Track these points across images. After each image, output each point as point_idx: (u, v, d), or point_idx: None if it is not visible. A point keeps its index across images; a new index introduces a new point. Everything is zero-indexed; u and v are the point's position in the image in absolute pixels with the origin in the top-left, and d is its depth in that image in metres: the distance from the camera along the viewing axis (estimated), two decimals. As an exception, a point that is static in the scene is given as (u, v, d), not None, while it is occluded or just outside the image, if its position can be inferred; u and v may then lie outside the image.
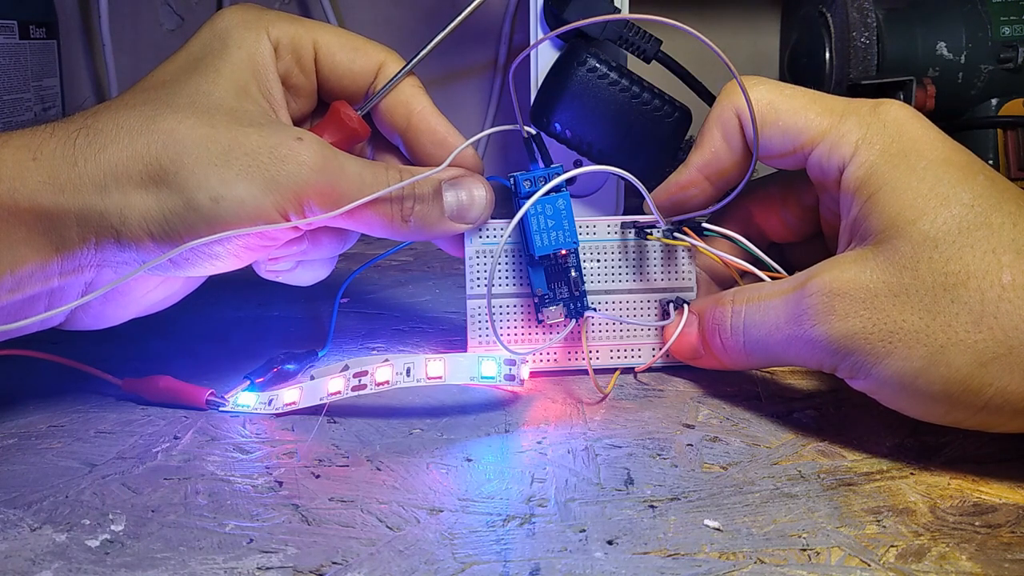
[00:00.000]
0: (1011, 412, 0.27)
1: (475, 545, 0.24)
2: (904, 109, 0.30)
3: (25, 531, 0.25)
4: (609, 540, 0.25)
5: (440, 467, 0.29)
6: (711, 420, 0.32)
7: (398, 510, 0.26)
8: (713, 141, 0.34)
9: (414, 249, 0.60)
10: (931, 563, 0.24)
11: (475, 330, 0.36)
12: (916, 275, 0.28)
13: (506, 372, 0.32)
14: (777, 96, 0.32)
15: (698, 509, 0.26)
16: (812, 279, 0.30)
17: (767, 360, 0.33)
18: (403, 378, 0.31)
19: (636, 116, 0.46)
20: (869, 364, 0.28)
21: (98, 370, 0.34)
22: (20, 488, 0.27)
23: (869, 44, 0.58)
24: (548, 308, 0.35)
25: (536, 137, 0.37)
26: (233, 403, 0.33)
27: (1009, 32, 0.59)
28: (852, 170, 0.30)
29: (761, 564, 0.23)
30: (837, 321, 0.29)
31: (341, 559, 0.24)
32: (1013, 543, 0.24)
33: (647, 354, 0.37)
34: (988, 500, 0.27)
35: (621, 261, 0.36)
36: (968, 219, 0.27)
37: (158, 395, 0.33)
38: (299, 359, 0.37)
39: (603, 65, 0.45)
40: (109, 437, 0.31)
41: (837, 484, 0.28)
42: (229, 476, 0.28)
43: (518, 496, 0.27)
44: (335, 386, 0.32)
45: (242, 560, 0.24)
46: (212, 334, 0.42)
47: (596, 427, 0.32)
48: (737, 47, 0.78)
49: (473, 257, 0.36)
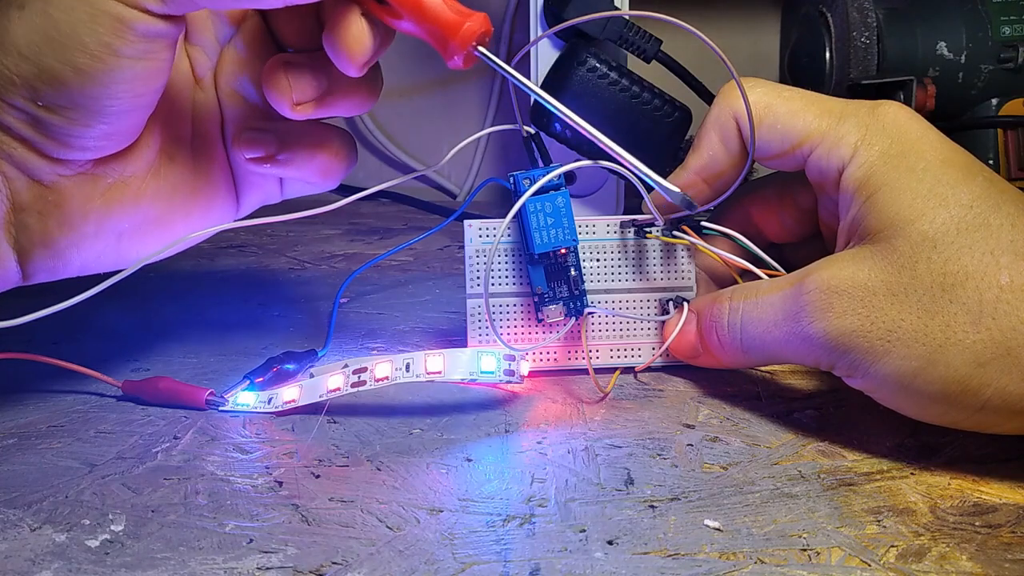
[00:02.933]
0: (1009, 413, 0.27)
1: (475, 545, 0.24)
2: (903, 110, 0.30)
3: (25, 531, 0.25)
4: (609, 540, 0.25)
5: (440, 467, 0.29)
6: (711, 420, 0.32)
7: (398, 510, 0.26)
8: (711, 144, 0.34)
9: (414, 249, 0.60)
10: (931, 563, 0.24)
11: (475, 329, 0.36)
12: (914, 275, 0.28)
13: (505, 367, 0.32)
14: (775, 98, 0.32)
15: (698, 509, 0.26)
16: (810, 276, 0.30)
17: (765, 358, 0.33)
18: (403, 373, 0.31)
19: (636, 116, 0.46)
20: (867, 363, 0.28)
21: (99, 373, 0.34)
22: (20, 488, 0.27)
23: (869, 44, 0.58)
24: (548, 307, 0.35)
25: (535, 137, 0.37)
26: (233, 403, 0.33)
27: (1009, 32, 0.59)
28: (851, 171, 0.30)
29: (761, 564, 0.23)
30: (835, 318, 0.29)
31: (341, 559, 0.24)
32: (1013, 543, 0.24)
33: (647, 353, 0.37)
34: (988, 500, 0.27)
35: (620, 260, 0.36)
36: (967, 220, 0.27)
37: (158, 396, 0.33)
38: (299, 359, 0.37)
39: (603, 65, 0.46)
40: (109, 437, 0.31)
41: (837, 484, 0.28)
42: (229, 476, 0.28)
43: (518, 496, 0.27)
44: (335, 383, 0.32)
45: (242, 560, 0.24)
46: (212, 334, 0.42)
47: (596, 427, 0.32)
48: (737, 47, 0.78)
49: (473, 256, 0.36)
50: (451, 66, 0.29)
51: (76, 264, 0.32)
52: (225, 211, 0.35)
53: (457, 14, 0.28)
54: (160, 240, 0.33)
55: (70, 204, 0.30)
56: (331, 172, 0.34)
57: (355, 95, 0.33)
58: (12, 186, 0.29)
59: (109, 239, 0.32)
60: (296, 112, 0.31)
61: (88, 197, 0.31)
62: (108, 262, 0.33)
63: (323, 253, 0.59)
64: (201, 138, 0.34)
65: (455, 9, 0.28)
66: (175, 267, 0.54)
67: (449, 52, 0.28)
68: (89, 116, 0.28)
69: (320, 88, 0.31)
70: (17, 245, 0.30)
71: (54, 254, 0.31)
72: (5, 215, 0.29)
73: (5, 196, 0.29)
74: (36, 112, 0.28)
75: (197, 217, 0.34)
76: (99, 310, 0.41)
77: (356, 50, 0.29)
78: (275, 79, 0.31)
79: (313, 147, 0.34)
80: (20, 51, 0.27)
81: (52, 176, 0.30)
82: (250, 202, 0.36)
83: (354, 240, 0.64)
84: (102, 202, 0.31)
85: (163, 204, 0.33)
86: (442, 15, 0.28)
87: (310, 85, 0.31)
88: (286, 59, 0.31)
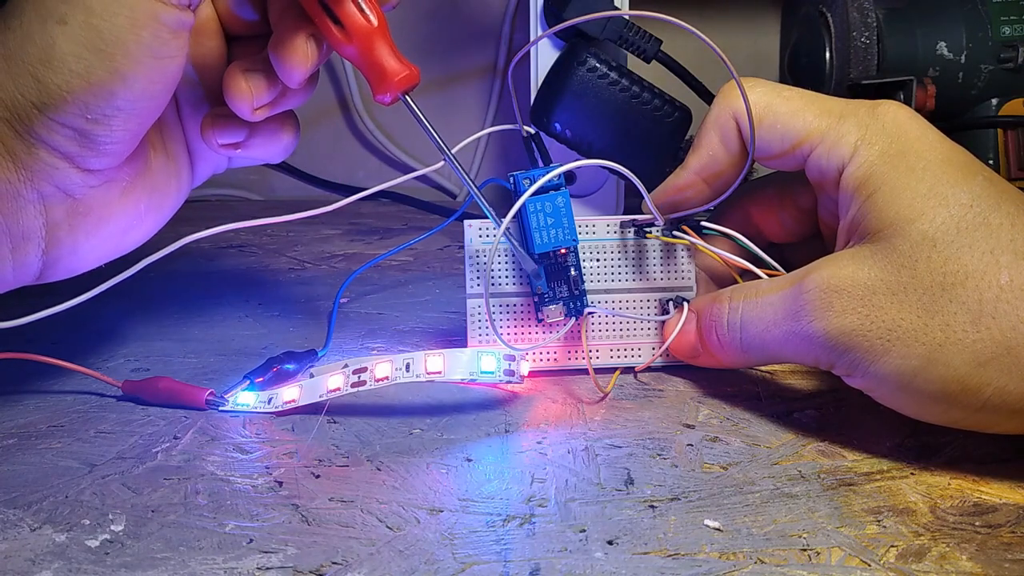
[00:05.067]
0: (1009, 412, 0.27)
1: (475, 545, 0.24)
2: (902, 110, 0.30)
3: (25, 531, 0.25)
4: (609, 540, 0.25)
5: (440, 467, 0.29)
6: (711, 420, 0.32)
7: (398, 510, 0.26)
8: (710, 144, 0.34)
9: (414, 249, 0.60)
10: (931, 563, 0.24)
11: (475, 329, 0.36)
12: (914, 274, 0.28)
13: (505, 367, 0.32)
14: (775, 98, 0.32)
15: (698, 509, 0.26)
16: (810, 275, 0.30)
17: (764, 357, 0.33)
18: (403, 373, 0.31)
19: (636, 116, 0.46)
20: (866, 362, 0.28)
21: (99, 373, 0.34)
22: (20, 488, 0.27)
23: (869, 44, 0.58)
24: (548, 307, 0.35)
25: (535, 137, 0.37)
26: (233, 403, 0.33)
27: (1009, 32, 0.59)
28: (851, 170, 0.30)
29: (761, 564, 0.23)
30: (835, 317, 0.29)
31: (341, 559, 0.24)
32: (1013, 543, 0.24)
33: (647, 353, 0.37)
34: (988, 500, 0.27)
35: (620, 260, 0.36)
36: (967, 219, 0.27)
37: (158, 396, 0.33)
38: (299, 359, 0.37)
39: (603, 65, 0.46)
40: (109, 437, 0.31)
41: (837, 484, 0.28)
42: (229, 476, 0.28)
43: (518, 496, 0.27)
44: (335, 383, 0.32)
45: (242, 560, 0.24)
46: (212, 334, 0.42)
47: (596, 427, 0.32)
48: (737, 47, 0.78)
49: (473, 256, 0.36)
50: (377, 100, 0.33)
51: (91, 263, 0.33)
52: (187, 185, 0.37)
53: (399, 62, 0.32)
54: (154, 225, 0.35)
55: (95, 213, 0.32)
56: (288, 149, 0.36)
57: (300, 95, 0.35)
58: (47, 203, 0.30)
59: (119, 235, 0.33)
60: (255, 115, 0.34)
61: (108, 202, 0.32)
62: (114, 255, 0.34)
63: (323, 253, 0.59)
64: (169, 123, 0.35)
65: (398, 58, 0.32)
66: (175, 267, 0.54)
67: (382, 90, 0.32)
68: (128, 120, 0.29)
69: (275, 92, 0.33)
70: (45, 256, 0.31)
71: (76, 259, 0.32)
72: (40, 230, 0.30)
73: (41, 213, 0.30)
74: (85, 127, 0.29)
75: (173, 196, 0.35)
76: (99, 310, 0.41)
77: (300, 67, 0.32)
78: (236, 86, 0.33)
79: (275, 130, 0.35)
80: (70, 67, 0.28)
81: (84, 190, 0.31)
82: (202, 174, 0.37)
83: (354, 240, 0.64)
84: (119, 205, 0.32)
85: (154, 191, 0.34)
86: (387, 61, 0.32)
87: (267, 91, 0.33)
88: (244, 67, 0.33)
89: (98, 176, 0.31)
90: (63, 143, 0.29)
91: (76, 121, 0.28)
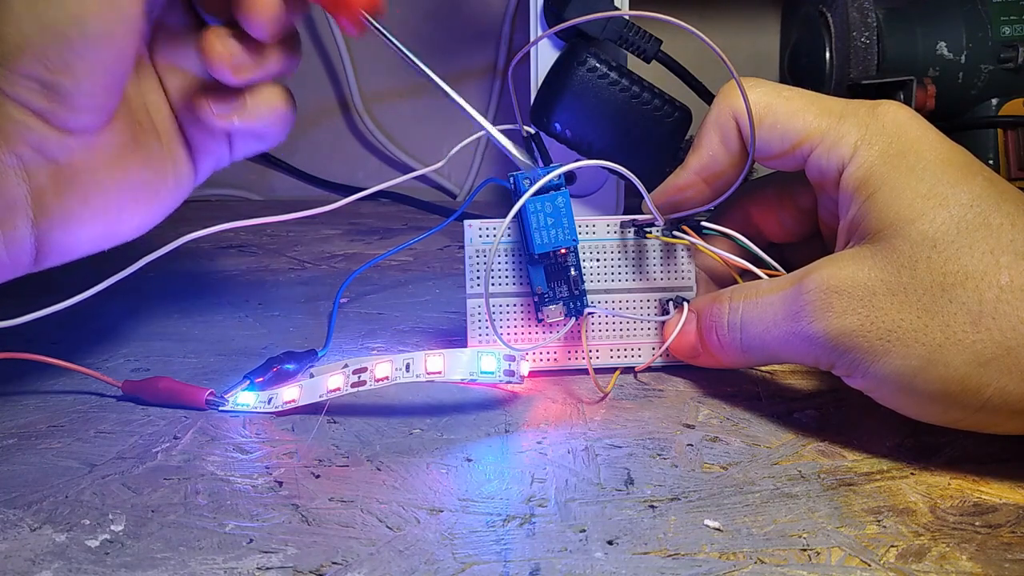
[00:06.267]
0: (1009, 413, 0.27)
1: (475, 545, 0.24)
2: (903, 110, 0.30)
3: (25, 531, 0.25)
4: (609, 540, 0.25)
5: (440, 467, 0.29)
6: (711, 420, 0.32)
7: (398, 510, 0.26)
8: (710, 144, 0.34)
9: (414, 249, 0.60)
10: (931, 563, 0.24)
11: (475, 329, 0.36)
12: (914, 274, 0.28)
13: (505, 367, 0.32)
14: (775, 98, 0.32)
15: (698, 509, 0.26)
16: (809, 275, 0.30)
17: (764, 357, 0.33)
18: (402, 373, 0.31)
19: (636, 116, 0.46)
20: (866, 362, 0.28)
21: (99, 373, 0.34)
22: (20, 488, 0.27)
23: (869, 44, 0.58)
24: (548, 307, 0.35)
25: (535, 137, 0.37)
26: (233, 403, 0.33)
27: (1009, 32, 0.59)
28: (851, 170, 0.30)
29: (761, 564, 0.23)
30: (834, 318, 0.29)
31: (341, 559, 0.24)
32: (1013, 543, 0.24)
33: (647, 353, 0.37)
34: (988, 500, 0.27)
35: (620, 260, 0.36)
36: (967, 220, 0.27)
37: (158, 396, 0.33)
38: (299, 359, 0.37)
39: (603, 65, 0.46)
40: (109, 437, 0.31)
41: (837, 484, 0.28)
42: (229, 476, 0.28)
43: (518, 496, 0.27)
44: (335, 383, 0.32)
45: (242, 560, 0.24)
46: (212, 334, 0.42)
47: (596, 427, 0.32)
48: (737, 47, 0.78)
49: (473, 256, 0.36)
50: (345, 31, 0.33)
51: (87, 243, 0.33)
52: (187, 177, 0.36)
53: None
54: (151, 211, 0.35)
55: (82, 179, 0.31)
56: (285, 121, 0.36)
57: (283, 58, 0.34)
58: (29, 169, 0.30)
59: (113, 213, 0.33)
60: (238, 77, 0.33)
61: (94, 169, 0.32)
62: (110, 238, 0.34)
63: (323, 253, 0.59)
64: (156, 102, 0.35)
65: None
66: (175, 267, 0.54)
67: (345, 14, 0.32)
68: (93, 71, 0.29)
69: (253, 51, 0.33)
70: (36, 228, 0.31)
71: (70, 235, 0.32)
72: (25, 198, 0.30)
73: (23, 179, 0.30)
74: (46, 76, 0.29)
75: (170, 182, 0.35)
76: (99, 310, 0.41)
77: (261, 13, 0.31)
78: (211, 48, 0.32)
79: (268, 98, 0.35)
80: (20, 13, 0.28)
81: (64, 152, 0.31)
82: (205, 168, 0.37)
83: (354, 240, 0.64)
84: (107, 175, 0.32)
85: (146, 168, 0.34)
86: None
87: (242, 50, 0.33)
88: (218, 32, 0.33)
89: (77, 139, 0.31)
90: (30, 97, 0.29)
91: (36, 69, 0.28)
